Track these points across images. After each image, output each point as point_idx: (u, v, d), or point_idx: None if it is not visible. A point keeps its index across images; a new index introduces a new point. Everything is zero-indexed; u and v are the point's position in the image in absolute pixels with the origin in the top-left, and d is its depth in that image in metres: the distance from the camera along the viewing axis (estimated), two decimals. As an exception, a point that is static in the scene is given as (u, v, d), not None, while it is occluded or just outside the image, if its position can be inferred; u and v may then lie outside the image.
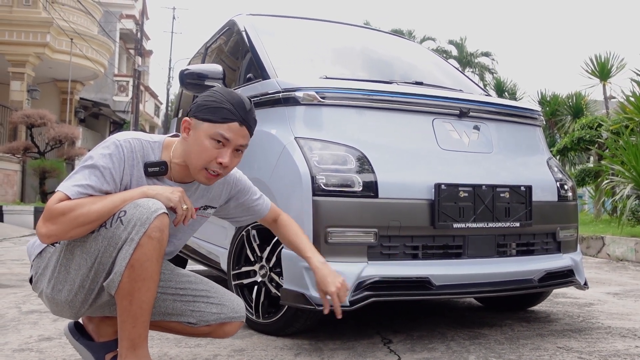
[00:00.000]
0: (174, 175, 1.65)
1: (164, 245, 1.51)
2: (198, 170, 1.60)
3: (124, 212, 1.49)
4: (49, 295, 1.58)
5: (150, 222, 1.47)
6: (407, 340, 2.27)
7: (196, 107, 1.60)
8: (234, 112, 1.58)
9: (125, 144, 1.57)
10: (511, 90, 15.02)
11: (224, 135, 1.57)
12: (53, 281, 1.57)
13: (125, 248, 1.47)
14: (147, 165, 1.60)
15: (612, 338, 2.38)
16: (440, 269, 2.25)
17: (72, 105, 15.61)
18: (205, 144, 1.57)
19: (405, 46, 3.75)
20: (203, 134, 1.57)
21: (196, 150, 1.58)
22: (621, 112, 7.43)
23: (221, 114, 1.57)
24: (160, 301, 1.67)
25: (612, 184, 6.56)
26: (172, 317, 1.70)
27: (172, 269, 1.75)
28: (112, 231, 1.48)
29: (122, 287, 1.47)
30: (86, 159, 1.56)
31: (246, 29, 3.05)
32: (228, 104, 1.58)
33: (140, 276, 1.47)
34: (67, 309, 1.60)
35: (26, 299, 3.11)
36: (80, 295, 1.55)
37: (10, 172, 11.56)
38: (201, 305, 1.70)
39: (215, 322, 1.71)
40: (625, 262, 5.48)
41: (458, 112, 2.49)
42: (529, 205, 2.42)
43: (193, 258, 3.45)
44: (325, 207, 2.12)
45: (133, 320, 1.50)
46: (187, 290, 1.71)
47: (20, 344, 2.16)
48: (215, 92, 1.62)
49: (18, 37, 12.70)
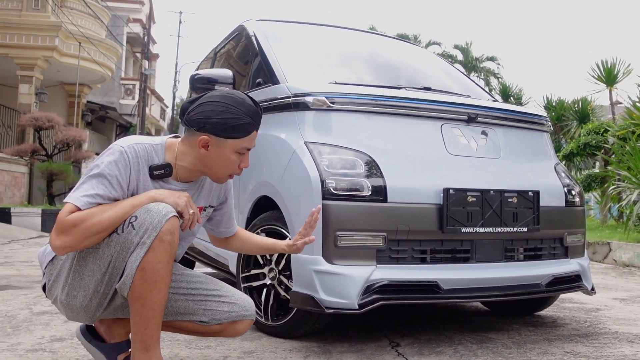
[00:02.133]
0: (180, 176, 1.69)
1: (175, 247, 1.54)
2: (223, 178, 1.70)
3: (135, 217, 1.52)
4: (63, 301, 1.61)
5: (162, 226, 1.50)
6: (414, 344, 2.28)
7: (214, 125, 1.60)
8: (254, 123, 1.66)
9: (130, 150, 1.60)
10: (517, 95, 15.02)
11: (247, 147, 1.66)
12: (67, 288, 1.60)
13: (137, 251, 1.50)
14: (153, 169, 1.63)
15: (619, 343, 2.39)
16: (448, 273, 2.26)
17: (79, 109, 15.71)
18: (232, 158, 1.65)
19: (411, 51, 3.77)
20: (229, 151, 1.64)
21: (223, 164, 1.66)
22: (627, 117, 7.42)
23: (244, 129, 1.63)
24: (173, 301, 1.70)
25: (619, 189, 6.55)
26: (184, 316, 1.73)
27: (182, 270, 1.78)
28: (125, 236, 1.51)
29: (133, 290, 1.50)
30: (92, 168, 1.58)
31: (255, 34, 3.08)
32: (247, 118, 1.63)
33: (152, 278, 1.50)
34: (83, 314, 1.62)
35: (37, 300, 3.14)
36: (95, 300, 1.58)
37: (18, 174, 11.64)
38: (213, 304, 1.73)
39: (227, 320, 1.73)
40: (631, 267, 5.47)
41: (466, 117, 2.51)
42: (536, 210, 2.44)
43: (201, 260, 3.48)
44: (335, 211, 2.14)
45: (145, 322, 1.53)
46: (198, 290, 1.74)
47: (33, 344, 2.19)
48: (229, 106, 1.61)
49: (27, 40, 12.79)
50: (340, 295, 2.09)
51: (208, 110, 1.62)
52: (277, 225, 2.40)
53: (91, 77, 15.35)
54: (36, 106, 13.25)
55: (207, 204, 1.81)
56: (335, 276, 2.11)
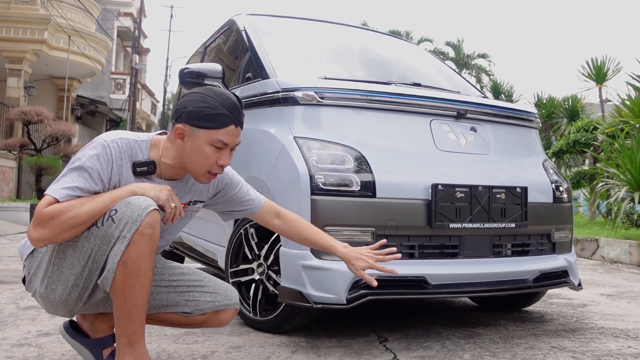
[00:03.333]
0: (164, 174, 1.67)
1: (156, 241, 1.53)
2: (201, 175, 1.64)
3: (115, 210, 1.50)
4: (42, 294, 1.60)
5: (142, 219, 1.48)
6: (402, 339, 2.29)
7: (189, 114, 1.59)
8: (230, 116, 1.59)
9: (113, 145, 1.58)
10: (508, 92, 15.06)
11: (223, 141, 1.59)
12: (46, 281, 1.58)
13: (117, 245, 1.48)
14: (136, 165, 1.61)
15: (605, 338, 2.41)
16: (436, 269, 2.27)
17: (69, 103, 15.60)
18: (206, 150, 1.59)
19: (403, 47, 3.77)
20: (202, 142, 1.58)
21: (197, 158, 1.60)
22: (617, 115, 7.47)
23: (218, 120, 1.58)
24: (155, 294, 1.69)
25: (607, 186, 6.60)
26: (167, 308, 1.72)
27: (164, 262, 1.77)
28: (104, 230, 1.50)
29: (115, 284, 1.49)
30: (74, 160, 1.56)
31: (246, 28, 3.07)
32: (223, 109, 1.58)
33: (133, 273, 1.48)
34: (62, 307, 1.61)
35: (24, 295, 3.11)
36: (74, 293, 1.56)
37: (6, 168, 11.55)
38: (195, 295, 1.72)
39: (210, 310, 1.73)
40: (619, 264, 5.53)
41: (455, 113, 2.52)
42: (524, 206, 2.45)
43: (190, 256, 3.47)
44: (324, 206, 2.14)
45: (128, 316, 1.52)
46: (180, 281, 1.73)
47: (19, 339, 2.17)
48: (205, 96, 1.60)
49: (15, 33, 12.68)
50: (328, 290, 2.10)
51: (186, 101, 1.62)
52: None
53: (81, 71, 15.25)
54: (25, 100, 13.14)
55: (193, 199, 1.80)
56: (323, 271, 2.11)
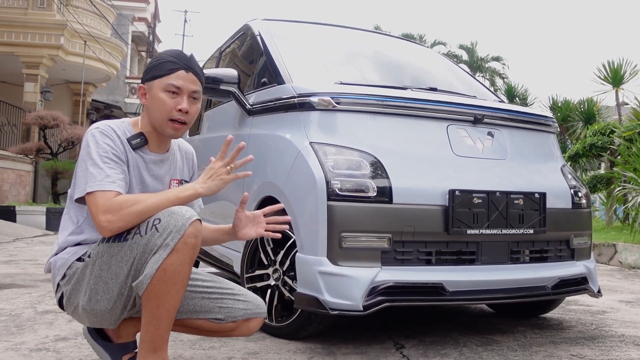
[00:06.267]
0: (151, 145, 1.74)
1: (197, 251, 1.57)
2: (164, 123, 1.69)
3: (158, 219, 1.53)
4: (86, 307, 1.61)
5: (186, 229, 1.51)
6: (419, 346, 2.27)
7: (144, 73, 1.72)
8: (176, 61, 1.69)
9: (104, 127, 1.67)
10: (522, 95, 14.95)
11: (174, 85, 1.67)
12: (89, 293, 1.59)
13: (159, 252, 1.50)
14: (130, 140, 1.69)
15: (626, 347, 2.37)
16: (454, 275, 2.25)
17: (84, 107, 15.75)
18: (162, 97, 1.67)
19: (417, 51, 3.76)
20: (157, 90, 1.68)
21: (156, 107, 1.69)
22: (634, 118, 7.38)
23: (165, 66, 1.68)
24: (189, 299, 1.71)
25: (625, 191, 6.51)
26: (199, 314, 1.73)
27: (194, 270, 1.79)
28: (147, 238, 1.52)
29: (151, 289, 1.50)
30: (85, 159, 1.60)
31: (261, 33, 3.07)
32: (168, 57, 1.69)
33: (171, 279, 1.50)
34: (108, 317, 1.62)
35: (41, 299, 3.14)
36: (119, 302, 1.58)
37: (23, 172, 11.68)
38: (229, 302, 1.74)
39: (242, 317, 1.75)
40: (637, 269, 5.44)
41: (472, 118, 2.50)
42: (542, 212, 2.42)
43: (205, 260, 3.48)
44: (340, 212, 2.13)
45: (157, 322, 1.53)
46: (213, 288, 1.75)
47: (37, 343, 2.19)
48: (156, 54, 1.72)
49: (32, 39, 12.82)
50: (345, 296, 2.08)
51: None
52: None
53: (96, 75, 15.38)
54: (41, 104, 13.28)
55: (182, 177, 1.85)
56: (340, 277, 2.10)
